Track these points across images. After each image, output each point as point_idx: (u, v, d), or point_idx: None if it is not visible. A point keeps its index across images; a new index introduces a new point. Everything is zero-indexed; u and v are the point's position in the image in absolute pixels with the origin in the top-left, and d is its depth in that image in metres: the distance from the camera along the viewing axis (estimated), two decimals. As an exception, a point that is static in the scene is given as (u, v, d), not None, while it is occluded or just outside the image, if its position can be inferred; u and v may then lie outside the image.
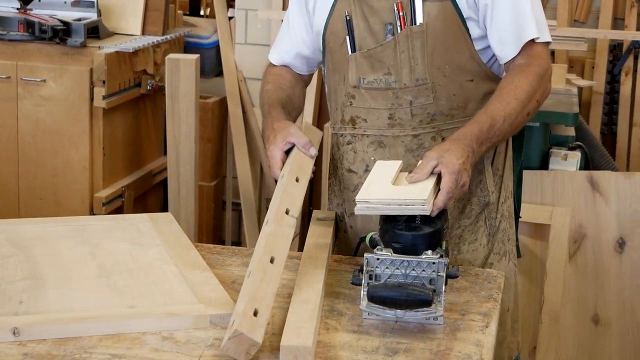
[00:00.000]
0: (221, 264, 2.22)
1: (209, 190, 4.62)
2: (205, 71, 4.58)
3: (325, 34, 2.40)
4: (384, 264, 1.96)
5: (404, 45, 2.28)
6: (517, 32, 2.26)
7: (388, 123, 2.33)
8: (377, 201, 2.00)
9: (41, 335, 1.82)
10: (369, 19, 2.32)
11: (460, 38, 2.28)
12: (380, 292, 1.90)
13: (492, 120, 2.17)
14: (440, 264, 1.95)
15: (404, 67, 2.29)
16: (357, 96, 2.35)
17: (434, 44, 2.27)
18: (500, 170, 2.43)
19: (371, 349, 1.83)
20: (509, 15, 2.26)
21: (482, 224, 2.40)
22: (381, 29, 2.31)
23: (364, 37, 2.33)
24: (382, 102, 2.33)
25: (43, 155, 3.92)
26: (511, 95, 2.20)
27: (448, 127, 2.31)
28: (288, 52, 2.55)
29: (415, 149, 2.32)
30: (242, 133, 4.54)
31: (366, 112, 2.35)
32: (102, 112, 3.87)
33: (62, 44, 3.85)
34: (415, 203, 1.98)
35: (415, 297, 1.88)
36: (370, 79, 2.33)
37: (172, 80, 3.87)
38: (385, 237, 2.01)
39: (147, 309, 1.92)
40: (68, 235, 2.32)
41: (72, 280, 2.06)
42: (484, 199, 2.39)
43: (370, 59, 2.32)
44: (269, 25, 4.58)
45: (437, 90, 2.29)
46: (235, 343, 1.74)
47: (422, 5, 2.26)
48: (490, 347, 1.86)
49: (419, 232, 1.98)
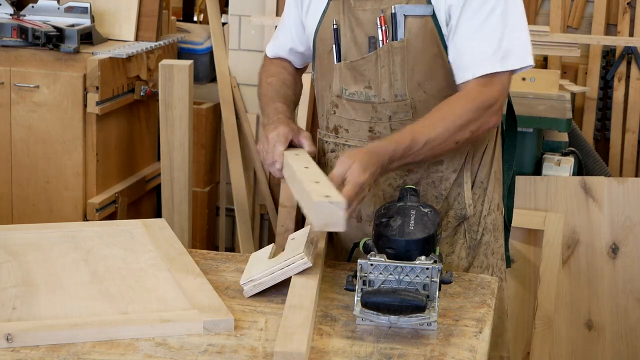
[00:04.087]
0: (215, 269, 2.22)
1: (202, 196, 4.62)
2: (198, 77, 4.58)
3: (315, 39, 2.40)
4: (377, 269, 1.96)
5: (385, 60, 2.26)
6: (469, 63, 2.21)
7: (368, 135, 2.32)
8: (260, 276, 2.07)
9: (34, 341, 1.81)
10: (354, 29, 2.30)
11: (439, 55, 2.25)
12: (374, 297, 1.90)
13: (412, 142, 2.12)
14: (434, 270, 1.95)
15: (384, 81, 2.28)
16: (340, 106, 2.35)
17: (414, 60, 2.25)
18: (485, 183, 2.40)
19: (365, 355, 1.83)
20: (467, 43, 2.21)
21: (461, 237, 2.39)
22: (365, 41, 2.29)
23: (350, 48, 2.32)
24: (363, 115, 2.32)
25: (36, 161, 3.92)
26: (442, 121, 2.15)
27: None
28: (282, 47, 2.55)
29: None
30: (235, 139, 4.54)
31: (348, 122, 2.35)
32: (96, 118, 3.86)
33: (56, 50, 3.85)
34: (295, 260, 2.06)
35: (409, 303, 1.88)
36: (351, 91, 2.32)
37: (166, 86, 3.87)
38: (379, 242, 2.01)
39: (141, 315, 1.92)
40: (61, 241, 2.31)
41: (65, 287, 2.05)
42: (461, 212, 2.37)
43: (353, 70, 2.31)
44: (262, 31, 4.58)
45: (416, 106, 2.27)
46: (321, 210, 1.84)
47: (404, 21, 2.24)
48: (484, 353, 1.86)
49: (413, 238, 1.98)
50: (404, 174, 2.32)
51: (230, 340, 1.86)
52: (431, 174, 2.33)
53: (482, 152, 2.39)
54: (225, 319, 1.90)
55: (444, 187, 2.34)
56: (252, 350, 1.83)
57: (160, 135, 3.95)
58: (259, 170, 4.62)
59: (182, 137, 3.90)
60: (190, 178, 3.99)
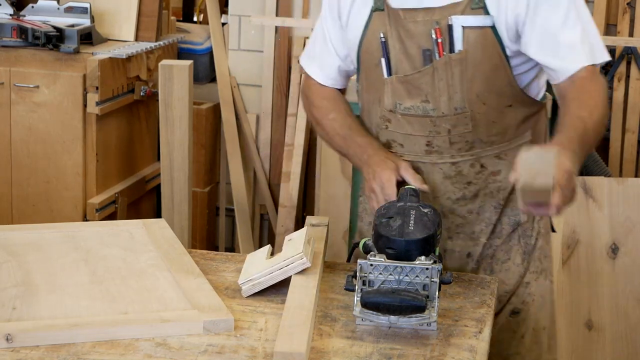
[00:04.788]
0: (215, 270, 2.22)
1: (202, 197, 4.61)
2: (198, 77, 4.58)
3: (360, 52, 2.32)
4: (377, 269, 1.96)
5: (443, 72, 2.20)
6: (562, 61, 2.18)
7: (425, 150, 2.27)
8: (258, 276, 2.07)
9: (34, 341, 1.81)
10: (405, 42, 2.23)
11: (500, 66, 2.20)
12: (374, 297, 1.90)
13: (584, 124, 2.08)
14: (434, 270, 1.95)
15: (442, 95, 2.22)
16: (393, 120, 2.29)
17: (473, 71, 2.20)
18: None
19: (365, 355, 1.83)
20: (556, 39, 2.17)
21: (516, 243, 2.36)
22: (418, 54, 2.22)
23: (400, 61, 2.24)
24: (419, 129, 2.26)
25: (36, 161, 3.92)
26: (591, 103, 2.12)
27: (487, 153, 2.27)
28: (331, 67, 2.44)
29: (454, 175, 2.28)
30: (235, 139, 4.54)
31: (403, 137, 2.29)
32: (96, 118, 3.86)
33: (55, 50, 3.85)
34: (294, 260, 2.06)
35: (408, 303, 1.88)
36: (407, 105, 2.25)
37: (166, 86, 3.87)
38: (379, 243, 2.01)
39: (141, 315, 1.92)
40: (61, 241, 2.31)
41: (65, 287, 2.05)
42: (515, 218, 2.34)
43: (407, 84, 2.24)
44: (262, 31, 4.58)
45: (476, 118, 2.23)
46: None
47: (461, 32, 2.18)
48: (484, 353, 1.86)
49: (412, 238, 1.98)
50: (463, 186, 2.29)
51: (230, 341, 1.86)
52: (489, 184, 2.30)
53: None
54: (225, 319, 1.90)
55: (502, 197, 2.31)
56: (252, 350, 1.83)
57: (160, 135, 3.94)
58: (258, 171, 4.62)
59: (182, 137, 3.90)
60: (190, 178, 3.99)
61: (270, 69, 4.58)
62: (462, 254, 2.35)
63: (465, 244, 2.35)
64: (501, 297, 2.36)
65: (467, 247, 2.35)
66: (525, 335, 2.41)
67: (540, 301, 2.41)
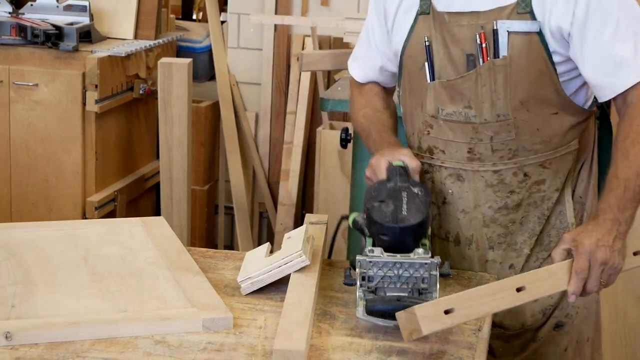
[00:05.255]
0: (214, 268, 2.22)
1: (201, 194, 4.62)
2: (197, 75, 4.58)
3: (403, 56, 2.28)
4: (376, 266, 1.96)
5: (486, 78, 2.15)
6: (611, 77, 2.13)
7: (467, 157, 2.22)
8: (257, 274, 2.07)
9: (33, 339, 1.81)
10: (449, 46, 2.19)
11: (545, 72, 2.15)
12: (379, 306, 1.88)
13: (626, 180, 2.04)
14: (433, 264, 1.94)
15: (485, 101, 2.16)
16: (435, 126, 2.24)
17: (517, 78, 2.14)
18: (583, 198, 2.33)
19: (364, 352, 1.83)
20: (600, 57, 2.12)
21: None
22: (462, 59, 2.18)
23: (444, 65, 2.20)
24: (461, 135, 2.21)
25: (35, 159, 3.92)
26: (636, 146, 2.06)
27: (531, 162, 2.21)
28: (372, 69, 2.42)
29: (496, 184, 2.23)
30: (234, 137, 4.54)
31: (444, 143, 2.24)
32: (95, 117, 3.86)
33: (55, 48, 3.85)
34: (293, 258, 2.06)
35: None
36: (449, 111, 2.21)
37: (165, 85, 3.87)
38: (372, 228, 2.00)
39: (140, 313, 1.92)
40: (60, 239, 2.31)
41: (64, 285, 2.05)
42: (563, 231, 2.27)
43: (450, 89, 2.19)
44: (261, 29, 4.58)
45: (519, 125, 2.17)
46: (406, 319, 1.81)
47: (506, 37, 2.13)
48: (483, 350, 1.86)
49: (407, 224, 1.97)
50: (506, 195, 2.24)
51: (229, 338, 1.86)
52: (533, 194, 2.24)
53: (580, 167, 2.31)
54: (224, 317, 1.90)
55: (547, 207, 2.26)
56: (251, 348, 1.83)
57: (159, 133, 3.95)
58: (258, 169, 4.63)
59: (181, 135, 3.90)
60: (189, 176, 3.99)
61: (270, 67, 4.58)
62: (504, 265, 2.30)
63: (507, 255, 2.29)
64: (545, 310, 2.32)
65: (510, 258, 2.29)
66: (568, 349, 2.36)
67: (585, 313, 2.36)
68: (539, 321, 2.33)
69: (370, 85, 2.45)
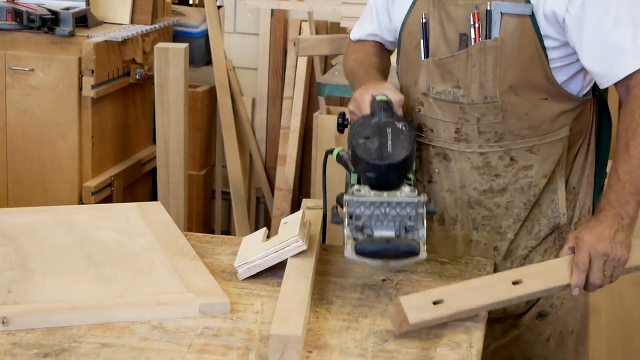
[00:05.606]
0: (211, 252, 2.22)
1: (198, 180, 4.61)
2: (194, 60, 4.57)
3: (402, 33, 2.28)
4: (364, 205, 1.95)
5: (476, 59, 2.15)
6: (609, 64, 2.11)
7: (454, 137, 2.23)
8: (254, 259, 2.07)
9: (30, 324, 1.81)
10: (445, 25, 2.19)
11: (536, 57, 2.14)
12: (369, 247, 1.92)
13: (626, 174, 2.04)
14: (420, 203, 1.94)
15: (474, 82, 2.17)
16: (426, 104, 2.25)
17: (508, 61, 2.14)
18: (577, 188, 2.32)
19: (361, 337, 1.83)
20: (598, 43, 2.10)
21: (551, 245, 2.30)
22: (455, 38, 2.18)
23: (439, 44, 2.20)
24: (449, 115, 2.22)
25: (31, 144, 3.91)
26: (636, 139, 2.06)
27: (518, 146, 2.21)
28: (370, 36, 2.45)
29: (482, 166, 2.23)
30: (231, 122, 4.54)
31: (433, 122, 2.25)
32: (91, 102, 3.86)
33: (51, 33, 3.84)
34: (289, 243, 2.06)
35: (403, 250, 1.90)
36: (439, 89, 2.21)
37: (161, 70, 3.86)
38: (358, 166, 2.00)
39: (136, 298, 1.92)
40: (57, 225, 2.31)
41: (60, 270, 2.05)
42: (554, 221, 2.28)
43: (441, 68, 2.20)
44: (258, 14, 4.57)
45: (507, 109, 2.17)
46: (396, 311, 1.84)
47: (499, 19, 2.13)
48: (480, 335, 1.86)
49: (393, 161, 1.96)
50: (491, 178, 2.24)
51: (226, 323, 1.86)
52: (519, 179, 2.24)
53: (574, 157, 2.30)
54: (221, 302, 1.90)
55: (533, 193, 2.25)
56: (248, 332, 1.83)
57: (156, 118, 3.94)
58: (254, 154, 4.62)
59: (178, 120, 3.89)
60: (185, 161, 3.99)
61: (266, 52, 4.57)
62: (489, 247, 2.30)
63: (491, 237, 2.29)
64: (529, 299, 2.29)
65: (494, 240, 2.29)
66: (550, 339, 2.36)
67: (571, 304, 2.36)
68: (522, 308, 2.32)
69: (369, 41, 2.47)
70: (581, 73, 2.22)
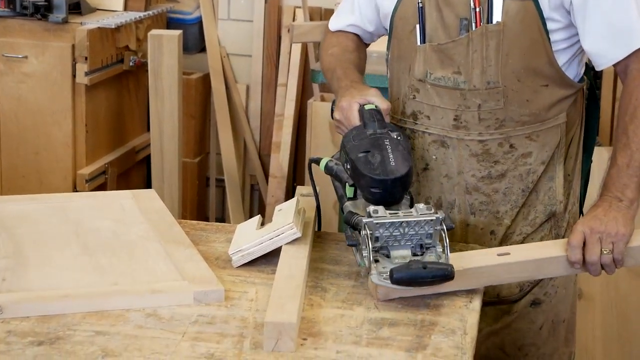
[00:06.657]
0: (205, 240, 2.22)
1: (192, 167, 4.61)
2: (188, 47, 4.56)
3: (394, 19, 2.25)
4: (383, 227, 1.92)
5: (478, 44, 2.13)
6: (612, 43, 2.12)
7: (453, 124, 2.20)
8: (249, 246, 2.06)
9: (24, 312, 1.81)
10: (442, 9, 2.16)
11: (539, 41, 2.12)
12: (406, 274, 1.83)
13: (624, 158, 2.06)
14: (437, 220, 1.92)
15: (476, 67, 2.14)
16: (422, 90, 2.22)
17: (510, 46, 2.12)
18: (571, 176, 2.33)
19: (355, 325, 1.83)
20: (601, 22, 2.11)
21: (547, 233, 2.30)
22: (455, 23, 2.15)
23: (436, 29, 2.18)
24: (449, 102, 2.19)
25: (25, 132, 3.90)
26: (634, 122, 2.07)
27: (517, 133, 2.20)
28: (350, 27, 2.40)
29: (480, 153, 2.22)
30: (225, 109, 4.53)
31: (430, 109, 2.22)
32: (85, 89, 3.85)
33: (44, 20, 3.83)
34: (284, 230, 2.05)
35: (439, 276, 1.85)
36: (437, 75, 2.19)
37: (155, 57, 3.86)
38: (361, 181, 1.97)
39: (131, 286, 1.92)
40: (51, 212, 2.31)
41: (55, 258, 2.05)
42: (551, 208, 2.28)
43: (440, 53, 2.17)
44: (252, 0, 4.56)
45: (508, 95, 2.16)
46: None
47: (501, 3, 2.10)
48: (474, 322, 1.86)
49: (398, 175, 1.94)
50: (490, 165, 2.22)
51: (220, 311, 1.86)
52: (519, 166, 2.23)
53: (569, 144, 2.30)
54: (215, 290, 1.90)
55: (531, 180, 2.25)
56: (243, 320, 1.83)
57: (150, 105, 3.94)
58: (249, 141, 4.62)
59: (172, 107, 3.89)
60: (180, 148, 3.98)
61: (260, 39, 4.56)
62: (486, 231, 2.29)
63: (488, 222, 2.28)
64: (523, 286, 2.31)
65: (491, 225, 2.29)
66: (543, 327, 2.36)
67: (563, 293, 2.36)
68: (515, 295, 2.32)
69: (346, 33, 2.42)
70: (579, 56, 2.23)
